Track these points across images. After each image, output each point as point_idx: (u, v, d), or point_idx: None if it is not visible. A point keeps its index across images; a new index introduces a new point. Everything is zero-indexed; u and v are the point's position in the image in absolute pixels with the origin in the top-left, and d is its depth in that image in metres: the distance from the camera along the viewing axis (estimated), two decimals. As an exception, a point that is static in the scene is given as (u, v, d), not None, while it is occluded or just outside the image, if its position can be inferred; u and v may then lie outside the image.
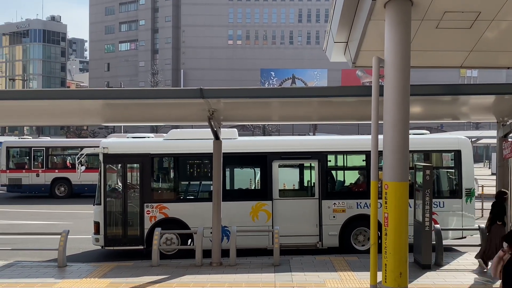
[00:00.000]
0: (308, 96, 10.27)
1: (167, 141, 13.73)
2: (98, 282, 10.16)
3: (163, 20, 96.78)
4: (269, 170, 13.06)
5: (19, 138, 35.15)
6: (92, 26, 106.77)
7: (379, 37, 7.48)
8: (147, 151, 13.17)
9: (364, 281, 9.82)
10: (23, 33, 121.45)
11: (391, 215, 6.97)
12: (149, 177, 13.08)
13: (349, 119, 15.54)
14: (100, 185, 12.86)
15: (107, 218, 12.79)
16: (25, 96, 10.36)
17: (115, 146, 13.30)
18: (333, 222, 12.91)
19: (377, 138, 7.40)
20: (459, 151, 13.14)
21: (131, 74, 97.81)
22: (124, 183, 13.04)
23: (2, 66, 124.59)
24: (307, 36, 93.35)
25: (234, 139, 13.53)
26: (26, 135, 59.82)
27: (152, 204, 12.87)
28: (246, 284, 9.91)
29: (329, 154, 13.27)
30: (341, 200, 12.98)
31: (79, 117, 13.34)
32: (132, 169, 13.32)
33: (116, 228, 12.85)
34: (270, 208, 12.90)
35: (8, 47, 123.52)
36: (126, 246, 12.88)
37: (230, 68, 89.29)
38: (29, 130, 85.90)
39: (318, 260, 11.78)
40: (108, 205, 12.83)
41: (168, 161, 13.88)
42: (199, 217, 12.73)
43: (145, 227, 12.77)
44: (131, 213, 12.91)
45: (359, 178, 13.57)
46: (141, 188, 12.98)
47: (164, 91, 16.06)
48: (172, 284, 10.01)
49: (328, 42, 9.38)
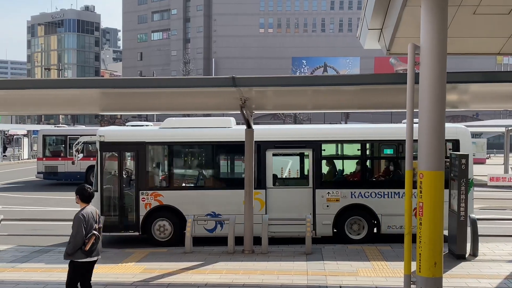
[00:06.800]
0: (341, 84, 10.18)
1: (162, 130, 13.89)
2: (133, 268, 10.36)
3: (195, 9, 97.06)
4: (262, 159, 13.12)
5: (55, 127, 35.88)
6: (125, 16, 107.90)
7: (415, 23, 7.34)
8: (143, 139, 13.33)
9: (397, 270, 9.75)
10: (58, 23, 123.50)
11: (426, 205, 6.87)
12: (144, 165, 13.29)
13: (383, 107, 15.32)
14: (97, 172, 13.18)
15: (103, 204, 13.07)
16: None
17: (112, 135, 13.57)
18: (327, 211, 12.86)
19: (412, 127, 7.27)
20: (457, 141, 12.92)
21: (164, 63, 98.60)
22: (120, 170, 13.30)
23: (38, 56, 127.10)
24: (339, 23, 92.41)
25: (229, 127, 13.62)
26: (62, 124, 60.99)
27: (147, 192, 13.09)
28: (278, 271, 9.95)
29: (323, 143, 13.18)
30: (335, 189, 12.94)
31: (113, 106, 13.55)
32: (128, 157, 13.64)
33: (112, 214, 13.17)
34: (263, 196, 12.97)
35: (44, 37, 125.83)
36: (122, 232, 13.20)
37: (261, 57, 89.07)
38: (64, 118, 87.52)
39: (350, 249, 11.74)
40: (104, 192, 13.12)
41: (163, 149, 13.97)
42: (192, 204, 13.02)
43: (141, 214, 13.04)
44: (127, 200, 13.22)
45: (353, 167, 13.54)
46: (136, 176, 13.25)
47: (196, 80, 16.14)
48: (205, 270, 10.12)
49: (362, 29, 9.25)
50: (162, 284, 9.30)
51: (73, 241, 7.10)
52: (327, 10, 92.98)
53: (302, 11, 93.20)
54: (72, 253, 7.09)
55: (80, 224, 7.06)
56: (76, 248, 7.06)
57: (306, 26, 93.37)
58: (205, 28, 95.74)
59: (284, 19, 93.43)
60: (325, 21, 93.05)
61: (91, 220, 7.20)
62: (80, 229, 7.05)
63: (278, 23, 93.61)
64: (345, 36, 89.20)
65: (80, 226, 7.05)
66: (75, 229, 7.08)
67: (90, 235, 7.10)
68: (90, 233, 7.11)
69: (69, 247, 7.14)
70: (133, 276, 9.72)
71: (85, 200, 7.33)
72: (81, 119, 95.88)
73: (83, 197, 7.33)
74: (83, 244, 7.06)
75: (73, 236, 7.10)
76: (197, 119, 14.45)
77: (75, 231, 7.08)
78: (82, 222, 7.06)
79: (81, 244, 7.05)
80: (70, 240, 7.14)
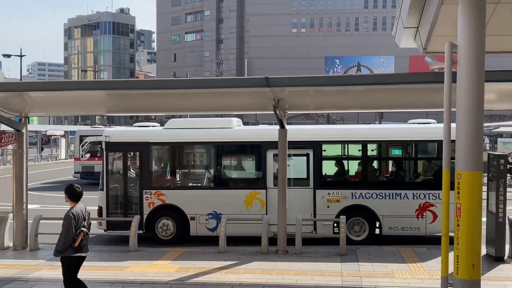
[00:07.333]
0: (375, 84, 10.06)
1: (165, 130, 14.08)
2: (168, 266, 10.47)
3: (228, 10, 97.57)
4: (263, 159, 13.18)
5: (91, 127, 36.51)
6: (159, 17, 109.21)
7: (452, 21, 7.22)
8: (146, 140, 13.58)
9: (434, 272, 9.60)
10: (94, 25, 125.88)
11: (464, 206, 6.75)
12: (147, 164, 13.55)
13: (418, 107, 15.08)
14: (103, 172, 13.50)
15: (109, 203, 13.39)
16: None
17: (117, 135, 14.00)
18: (327, 212, 12.74)
19: (449, 126, 7.15)
20: None
21: (197, 64, 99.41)
22: (124, 170, 13.60)
23: (75, 58, 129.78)
24: (373, 22, 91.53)
25: (231, 128, 13.66)
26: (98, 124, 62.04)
27: (150, 191, 13.33)
28: (313, 272, 9.92)
29: (323, 144, 13.05)
30: (335, 190, 12.84)
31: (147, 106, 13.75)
32: (132, 157, 13.87)
33: (117, 213, 13.47)
34: (264, 196, 12.99)
35: (80, 39, 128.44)
36: (126, 231, 13.23)
37: (293, 57, 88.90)
38: (101, 119, 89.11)
39: (385, 250, 11.61)
40: (109, 191, 13.45)
41: (166, 149, 14.18)
42: (194, 203, 13.22)
43: (144, 213, 13.26)
44: (131, 199, 13.50)
45: (354, 168, 13.41)
46: (140, 175, 13.51)
47: (230, 80, 16.18)
48: (239, 270, 10.16)
49: (398, 27, 9.14)
50: (196, 283, 9.38)
51: (63, 238, 7.36)
52: (361, 9, 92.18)
53: (335, 10, 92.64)
54: (63, 250, 7.35)
55: (70, 222, 7.29)
56: (67, 245, 7.31)
57: (339, 25, 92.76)
58: (237, 29, 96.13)
59: (317, 19, 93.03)
60: (358, 20, 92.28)
61: (81, 218, 7.43)
62: (70, 227, 7.29)
63: (311, 23, 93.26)
64: (379, 35, 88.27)
65: (70, 224, 7.29)
66: (65, 227, 7.33)
67: (78, 232, 7.34)
68: (79, 230, 7.35)
69: (59, 244, 7.41)
70: (168, 275, 9.82)
71: (74, 199, 7.57)
72: (116, 119, 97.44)
73: (72, 196, 7.57)
74: (73, 241, 7.30)
75: (63, 234, 7.36)
76: (199, 120, 14.72)
77: (65, 229, 7.33)
78: (72, 220, 7.30)
79: (71, 241, 7.30)
80: (60, 238, 7.42)
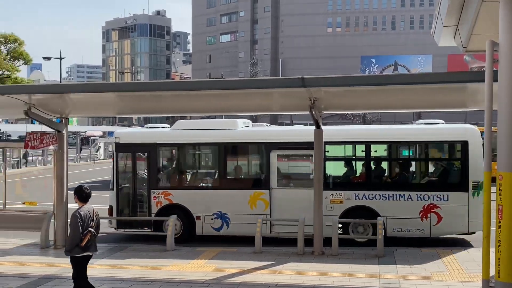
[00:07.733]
0: (413, 83, 9.91)
1: (172, 131, 14.24)
2: (204, 266, 10.55)
3: (262, 10, 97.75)
4: (267, 159, 13.21)
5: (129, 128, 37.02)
6: (195, 19, 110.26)
7: (493, 19, 7.06)
8: (154, 141, 13.86)
9: (474, 275, 9.40)
10: (131, 27, 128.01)
11: (506, 207, 6.59)
12: (155, 165, 13.83)
13: (457, 107, 14.82)
14: (113, 172, 13.78)
15: (119, 202, 13.66)
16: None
17: (126, 136, 14.34)
18: (331, 212, 12.51)
19: (491, 126, 6.99)
20: (466, 142, 12.31)
21: (232, 65, 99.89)
22: (133, 170, 13.87)
23: (112, 60, 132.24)
24: (410, 20, 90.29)
25: (236, 129, 13.69)
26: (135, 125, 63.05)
27: (158, 191, 13.57)
28: (349, 274, 9.84)
29: (326, 145, 12.72)
30: (338, 191, 12.77)
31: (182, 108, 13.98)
32: (141, 158, 14.12)
33: (126, 212, 13.75)
34: (267, 197, 13.00)
35: (117, 41, 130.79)
36: (135, 229, 13.75)
37: (329, 56, 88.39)
38: (137, 120, 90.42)
39: (424, 252, 11.44)
40: (119, 191, 13.73)
41: (173, 150, 14.45)
42: (200, 203, 13.39)
43: (152, 212, 13.49)
44: (139, 199, 13.78)
45: (357, 169, 13.28)
46: (148, 176, 13.80)
47: (265, 80, 16.22)
48: (275, 271, 10.16)
49: (437, 26, 9.00)
50: (233, 283, 9.41)
51: (70, 238, 7.59)
52: (397, 7, 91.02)
53: (371, 9, 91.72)
54: (71, 249, 7.54)
55: (76, 222, 7.45)
56: (74, 244, 7.49)
57: (375, 24, 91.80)
58: (272, 29, 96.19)
59: (352, 18, 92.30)
60: (395, 19, 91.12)
61: (88, 218, 7.58)
62: (76, 227, 7.45)
63: (346, 22, 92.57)
64: (417, 33, 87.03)
65: (76, 224, 7.45)
66: (72, 227, 7.51)
67: (86, 232, 7.50)
68: (86, 230, 7.50)
69: (67, 243, 7.66)
70: (205, 275, 9.90)
71: (83, 200, 7.74)
72: (153, 120, 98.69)
73: (81, 197, 7.74)
74: (80, 240, 7.45)
75: (70, 233, 7.57)
76: (205, 121, 14.96)
77: (72, 229, 7.52)
78: (78, 219, 7.46)
79: (78, 241, 7.46)
80: (68, 237, 7.63)
